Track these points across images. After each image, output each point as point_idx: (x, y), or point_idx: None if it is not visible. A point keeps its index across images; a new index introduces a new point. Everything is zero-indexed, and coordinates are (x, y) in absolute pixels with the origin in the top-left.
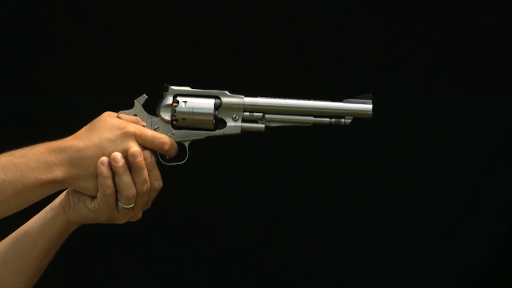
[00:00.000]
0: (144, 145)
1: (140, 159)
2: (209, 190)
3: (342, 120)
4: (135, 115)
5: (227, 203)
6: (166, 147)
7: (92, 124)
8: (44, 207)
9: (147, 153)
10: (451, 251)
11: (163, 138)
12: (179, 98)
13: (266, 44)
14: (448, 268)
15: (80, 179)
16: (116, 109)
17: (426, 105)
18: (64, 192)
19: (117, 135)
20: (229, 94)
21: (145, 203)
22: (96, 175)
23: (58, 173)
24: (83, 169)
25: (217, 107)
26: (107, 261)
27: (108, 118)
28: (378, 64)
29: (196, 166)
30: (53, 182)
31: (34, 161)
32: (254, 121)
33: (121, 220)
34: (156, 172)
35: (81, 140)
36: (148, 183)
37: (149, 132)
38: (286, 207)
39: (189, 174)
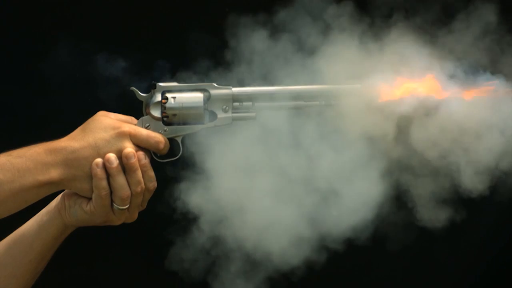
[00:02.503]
0: (139, 144)
1: (134, 160)
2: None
3: (332, 102)
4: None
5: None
6: (161, 145)
7: (87, 124)
8: (40, 210)
9: (141, 155)
10: (452, 250)
11: (158, 137)
12: (167, 95)
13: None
14: (448, 268)
15: (76, 180)
16: (116, 110)
17: None
18: (60, 196)
19: (112, 135)
20: (217, 86)
21: (140, 204)
22: (91, 175)
23: (54, 174)
24: (78, 170)
25: (206, 100)
26: (106, 262)
27: (102, 118)
28: None
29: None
30: (50, 183)
31: (31, 161)
32: (245, 110)
33: (117, 221)
34: (150, 173)
35: (76, 141)
36: (142, 184)
37: (144, 132)
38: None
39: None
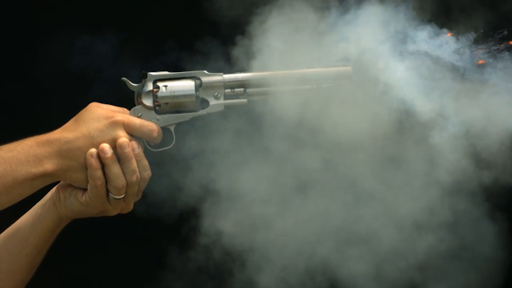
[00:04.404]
0: (132, 133)
1: (128, 149)
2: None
3: (324, 85)
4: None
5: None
6: (155, 134)
7: (80, 115)
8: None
9: (135, 144)
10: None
11: (151, 125)
12: (159, 83)
13: None
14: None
15: (71, 170)
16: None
17: None
18: (54, 188)
19: (105, 124)
20: (208, 73)
21: (135, 194)
22: (86, 166)
23: (48, 165)
24: (73, 160)
25: (197, 87)
26: (103, 261)
27: (95, 108)
28: None
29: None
30: (44, 175)
31: (23, 154)
32: (236, 96)
33: (113, 212)
34: (145, 162)
35: (69, 132)
36: (138, 173)
37: (137, 120)
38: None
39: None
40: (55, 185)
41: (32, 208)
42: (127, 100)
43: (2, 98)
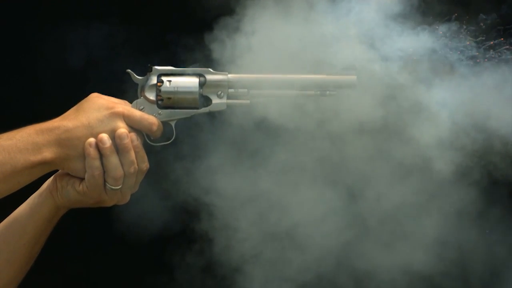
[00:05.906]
0: (132, 125)
1: (127, 140)
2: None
3: (327, 92)
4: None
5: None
6: (154, 127)
7: (80, 105)
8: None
9: (134, 135)
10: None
11: (151, 118)
12: (163, 78)
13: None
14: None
15: (69, 159)
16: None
17: None
18: (52, 177)
19: (105, 115)
20: (213, 71)
21: (132, 185)
22: (84, 155)
23: (47, 153)
24: (71, 149)
25: (201, 84)
26: (103, 260)
27: (96, 99)
28: None
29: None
30: (42, 163)
31: (22, 142)
32: (239, 97)
33: (109, 202)
34: (143, 154)
35: (69, 121)
36: (136, 165)
37: (137, 113)
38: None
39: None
40: (52, 175)
41: (29, 198)
42: (127, 96)
43: (2, 95)
